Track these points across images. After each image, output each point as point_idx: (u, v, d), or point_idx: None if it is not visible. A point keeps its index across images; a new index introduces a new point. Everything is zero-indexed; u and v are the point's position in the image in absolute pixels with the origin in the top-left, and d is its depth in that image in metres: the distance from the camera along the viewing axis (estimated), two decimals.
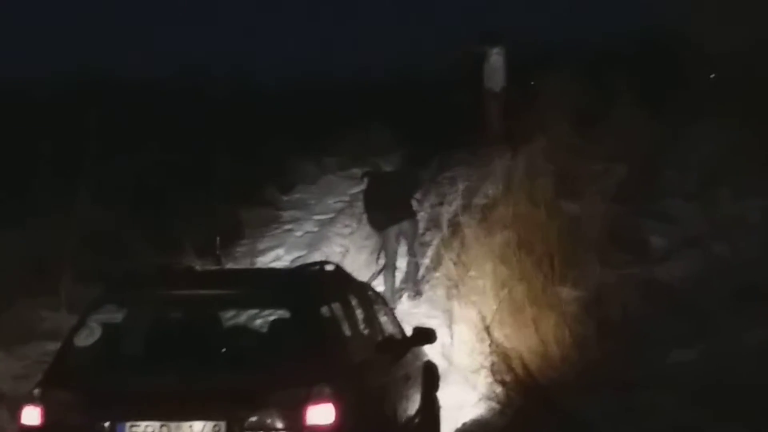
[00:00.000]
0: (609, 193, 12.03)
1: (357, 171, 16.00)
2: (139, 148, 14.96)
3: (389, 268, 13.18)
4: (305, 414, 6.72)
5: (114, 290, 8.07)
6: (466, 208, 14.14)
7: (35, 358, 10.71)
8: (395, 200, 13.06)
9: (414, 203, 13.69)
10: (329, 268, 8.62)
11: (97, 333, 7.52)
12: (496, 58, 16.28)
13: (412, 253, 13.26)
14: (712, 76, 13.21)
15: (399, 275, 13.27)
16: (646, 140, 12.77)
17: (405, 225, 13.13)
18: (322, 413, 6.75)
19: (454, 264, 11.60)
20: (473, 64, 16.45)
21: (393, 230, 13.06)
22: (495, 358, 9.73)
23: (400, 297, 13.14)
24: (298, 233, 15.78)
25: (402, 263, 13.31)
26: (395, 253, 13.22)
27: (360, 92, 19.64)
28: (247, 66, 21.37)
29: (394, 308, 12.77)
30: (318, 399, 6.74)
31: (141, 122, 16.78)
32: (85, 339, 7.46)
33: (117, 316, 7.76)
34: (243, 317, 11.27)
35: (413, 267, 13.27)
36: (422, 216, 14.41)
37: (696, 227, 11.28)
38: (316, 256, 13.94)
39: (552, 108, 13.55)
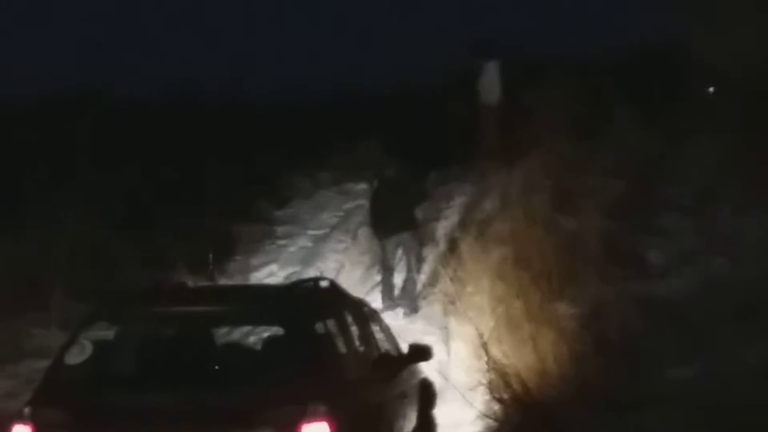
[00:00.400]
0: (606, 208, 11.95)
1: (352, 186, 15.98)
2: (131, 163, 14.89)
3: (387, 277, 13.15)
4: None
5: (106, 307, 7.99)
6: (463, 223, 14.10)
7: (26, 375, 10.60)
8: (400, 209, 13.14)
9: (418, 215, 13.77)
10: (324, 284, 8.55)
11: (89, 350, 7.44)
12: (491, 72, 16.22)
13: (409, 267, 13.22)
14: (711, 90, 13.15)
15: (398, 283, 13.26)
16: (644, 155, 12.70)
17: (406, 236, 13.19)
18: (317, 431, 6.66)
19: (451, 280, 11.51)
20: (469, 78, 16.40)
21: (393, 240, 13.12)
22: (492, 375, 9.63)
23: (396, 309, 13.11)
24: (292, 249, 15.71)
25: (399, 278, 13.27)
26: (393, 262, 13.22)
27: (355, 106, 19.57)
28: (241, 81, 21.25)
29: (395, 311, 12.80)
30: (313, 417, 6.67)
31: (133, 137, 16.69)
32: (76, 356, 7.38)
33: (108, 333, 7.68)
34: (236, 334, 11.18)
35: (410, 283, 13.22)
36: (419, 231, 14.35)
37: (694, 243, 11.19)
38: (311, 272, 13.89)
39: (549, 122, 13.48)
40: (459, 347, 11.07)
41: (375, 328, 9.11)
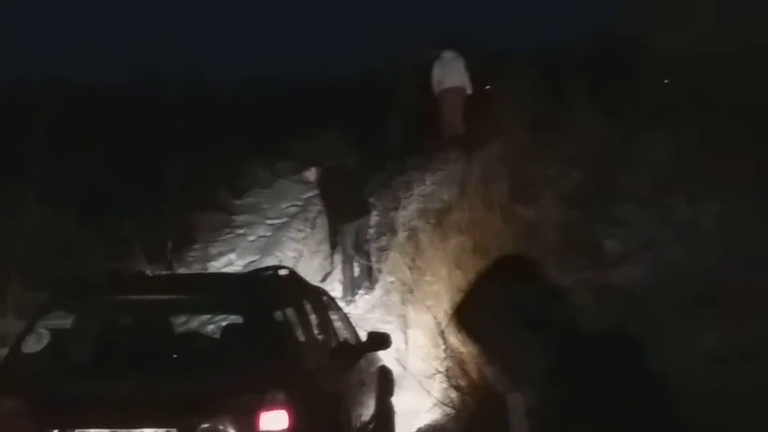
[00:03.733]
0: (564, 197, 12.02)
1: (310, 175, 15.92)
2: (89, 150, 14.75)
3: (347, 261, 13.22)
4: (258, 420, 6.64)
5: (63, 295, 7.95)
6: (421, 212, 14.11)
7: None
8: (351, 197, 13.37)
9: (369, 202, 14.08)
10: (283, 272, 8.55)
11: (46, 339, 7.39)
12: (452, 59, 16.24)
13: (362, 253, 13.34)
14: (666, 81, 13.24)
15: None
16: (601, 145, 12.78)
17: (362, 222, 13.46)
18: (275, 419, 6.67)
19: (409, 269, 11.52)
20: (429, 67, 16.42)
21: (352, 226, 13.27)
22: (450, 363, 9.66)
23: (357, 291, 13.23)
24: (251, 238, 15.66)
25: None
26: (353, 247, 13.34)
27: (313, 96, 19.54)
28: (199, 69, 21.16)
29: (353, 300, 12.85)
30: (271, 405, 6.68)
31: (91, 124, 16.54)
32: (33, 345, 7.33)
33: (66, 321, 7.63)
34: (195, 323, 11.15)
35: (365, 269, 13.36)
36: (377, 221, 14.37)
37: (650, 232, 11.29)
38: (269, 261, 13.84)
39: (507, 112, 13.53)
40: (417, 336, 11.09)
41: (334, 317, 9.11)
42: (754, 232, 9.61)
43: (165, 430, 6.66)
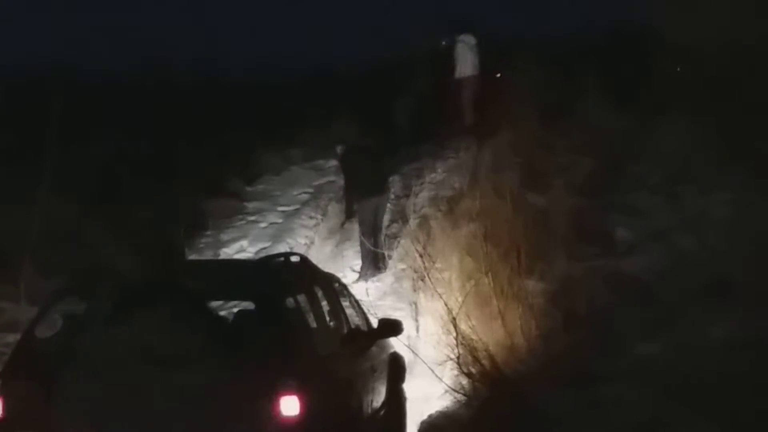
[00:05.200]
0: (576, 185, 12.01)
1: (322, 162, 15.95)
2: (101, 138, 14.78)
3: (366, 240, 13.31)
4: (271, 406, 6.66)
5: (76, 281, 7.96)
6: (432, 200, 14.12)
7: None
8: (373, 174, 13.51)
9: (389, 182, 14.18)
10: (294, 259, 8.56)
11: (59, 324, 7.42)
12: (467, 47, 16.19)
13: (378, 234, 13.50)
14: (678, 69, 13.21)
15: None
16: (613, 133, 12.77)
17: (381, 200, 13.58)
18: (287, 405, 6.69)
19: (421, 256, 11.53)
20: (443, 54, 16.38)
21: (371, 202, 13.41)
22: (461, 350, 9.68)
23: (376, 272, 13.22)
24: (263, 224, 15.68)
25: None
26: (372, 225, 13.44)
27: (327, 83, 19.53)
28: (212, 56, 21.16)
29: (373, 278, 12.84)
30: (283, 391, 6.69)
31: (103, 112, 16.58)
32: (47, 330, 7.36)
33: (79, 307, 7.65)
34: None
35: (378, 254, 13.35)
36: (389, 208, 14.37)
37: (662, 221, 11.28)
38: (281, 248, 13.88)
39: (519, 100, 13.51)
40: (428, 322, 11.11)
41: (345, 303, 9.12)
42: (766, 220, 9.60)
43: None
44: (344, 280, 11.48)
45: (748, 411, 7.48)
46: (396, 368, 9.61)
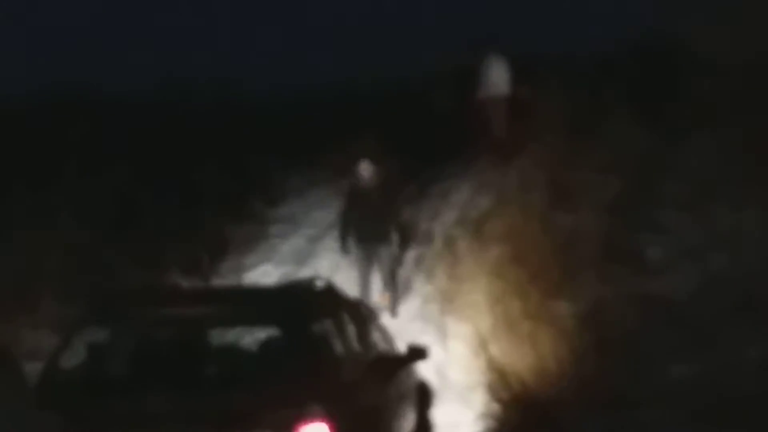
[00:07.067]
0: (604, 205, 11.87)
1: (346, 183, 15.80)
2: (122, 162, 14.73)
3: (361, 287, 12.92)
4: None
5: (99, 309, 7.89)
6: (459, 221, 14.00)
7: None
8: (372, 219, 12.84)
9: (394, 227, 13.25)
10: (320, 284, 8.47)
11: (82, 353, 7.35)
12: (493, 65, 16.05)
13: (387, 285, 13.03)
14: (708, 84, 13.04)
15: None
16: (642, 151, 12.61)
17: (380, 250, 12.89)
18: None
19: (449, 278, 11.42)
20: (469, 73, 16.25)
21: (365, 255, 12.86)
22: (491, 375, 9.56)
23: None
24: (286, 248, 15.60)
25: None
26: (367, 282, 12.97)
27: (351, 104, 19.42)
28: (236, 78, 21.09)
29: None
30: (311, 418, 6.59)
31: (123, 137, 16.52)
32: (70, 359, 7.29)
33: (102, 335, 7.58)
34: (232, 335, 11.07)
35: (390, 301, 13.03)
36: (414, 230, 14.21)
37: (693, 239, 11.12)
38: (305, 272, 13.78)
39: (545, 118, 13.39)
40: (457, 346, 11.01)
41: (372, 329, 9.03)
42: None
43: None
44: (371, 305, 11.40)
45: None
46: (424, 394, 9.51)
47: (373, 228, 12.86)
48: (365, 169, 13.36)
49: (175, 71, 19.61)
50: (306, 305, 7.71)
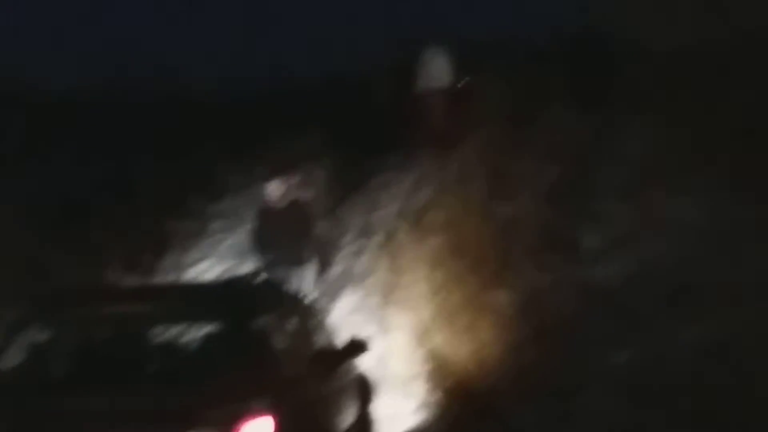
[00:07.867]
0: (542, 193, 11.96)
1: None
2: (57, 158, 14.57)
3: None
4: (242, 429, 6.57)
5: (38, 309, 7.85)
6: (399, 213, 14.02)
7: None
8: (283, 240, 12.24)
9: (309, 246, 12.58)
10: (260, 279, 8.49)
11: (21, 354, 7.31)
12: (433, 58, 16.10)
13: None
14: (645, 73, 13.16)
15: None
16: (578, 139, 12.71)
17: (293, 275, 12.10)
18: (260, 427, 6.59)
19: (388, 270, 11.47)
20: (408, 66, 16.28)
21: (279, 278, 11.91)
22: (432, 365, 9.62)
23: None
24: (227, 244, 15.54)
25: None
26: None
27: (292, 99, 19.36)
28: (176, 72, 20.92)
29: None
30: (256, 413, 6.60)
31: (59, 131, 16.32)
32: (9, 360, 7.25)
33: (42, 335, 7.54)
34: (173, 332, 11.04)
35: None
36: (355, 222, 14.22)
37: (629, 226, 11.23)
38: (247, 268, 13.74)
39: (484, 107, 13.45)
40: (397, 338, 11.04)
41: (312, 323, 9.05)
42: (733, 225, 9.59)
43: None
44: (311, 299, 11.41)
45: (722, 415, 7.47)
46: (364, 388, 9.55)
47: (286, 251, 12.20)
48: (274, 189, 12.67)
49: (120, 65, 19.37)
50: (246, 301, 7.72)
